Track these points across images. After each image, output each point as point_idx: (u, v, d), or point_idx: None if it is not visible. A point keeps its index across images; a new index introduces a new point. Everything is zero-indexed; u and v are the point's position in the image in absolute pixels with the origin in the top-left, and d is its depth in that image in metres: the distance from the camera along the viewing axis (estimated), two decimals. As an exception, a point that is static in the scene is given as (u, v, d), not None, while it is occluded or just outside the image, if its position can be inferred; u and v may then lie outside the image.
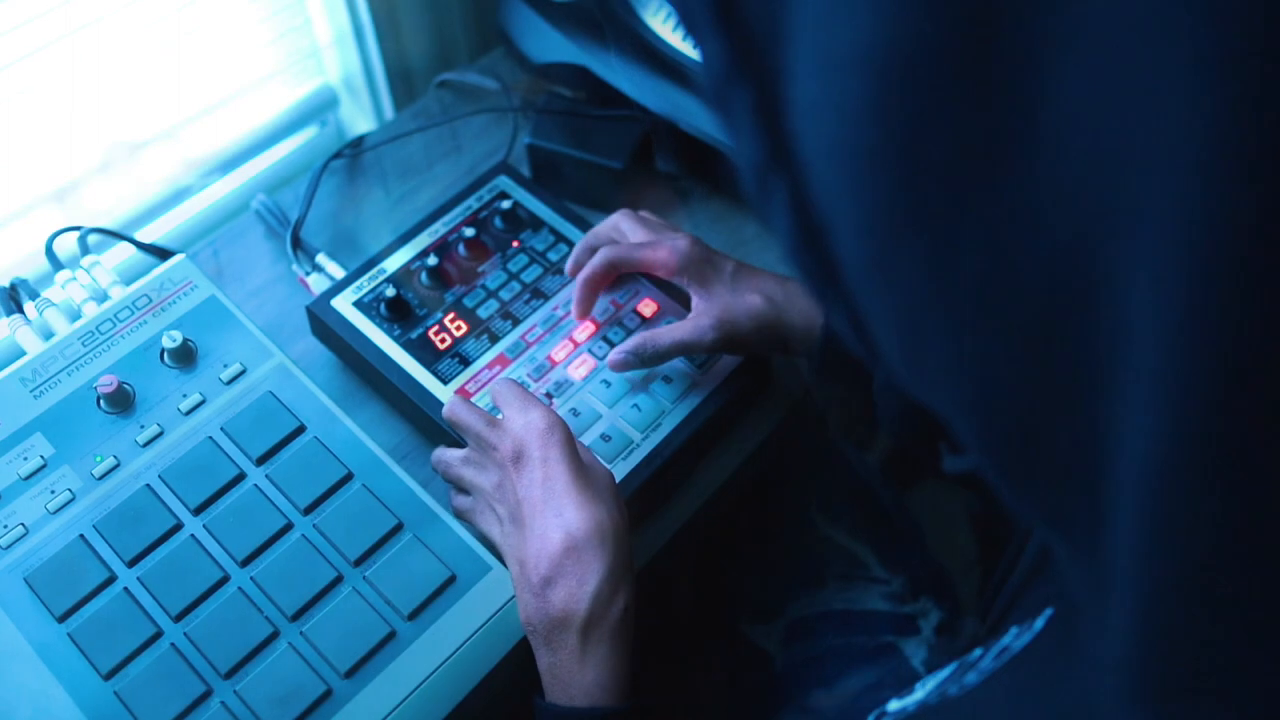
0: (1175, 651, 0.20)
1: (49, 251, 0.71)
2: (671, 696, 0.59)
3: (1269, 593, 0.18)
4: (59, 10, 0.74)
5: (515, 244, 0.76)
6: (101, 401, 0.61)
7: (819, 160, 0.20)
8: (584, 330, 0.73)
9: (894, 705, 0.41)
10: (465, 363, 0.71)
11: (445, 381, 0.69)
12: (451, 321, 0.72)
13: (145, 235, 0.87)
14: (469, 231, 0.75)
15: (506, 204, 0.77)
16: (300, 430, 0.61)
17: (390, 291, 0.72)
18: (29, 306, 0.68)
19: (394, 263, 0.74)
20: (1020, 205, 0.17)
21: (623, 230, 0.71)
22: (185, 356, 0.63)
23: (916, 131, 0.18)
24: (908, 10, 0.17)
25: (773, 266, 0.82)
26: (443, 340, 0.71)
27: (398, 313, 0.72)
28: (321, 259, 0.79)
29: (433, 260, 0.73)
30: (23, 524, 0.57)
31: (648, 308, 0.74)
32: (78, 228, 0.73)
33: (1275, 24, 0.14)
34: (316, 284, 0.76)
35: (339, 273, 0.77)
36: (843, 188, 0.20)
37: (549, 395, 0.69)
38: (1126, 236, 0.16)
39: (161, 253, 0.77)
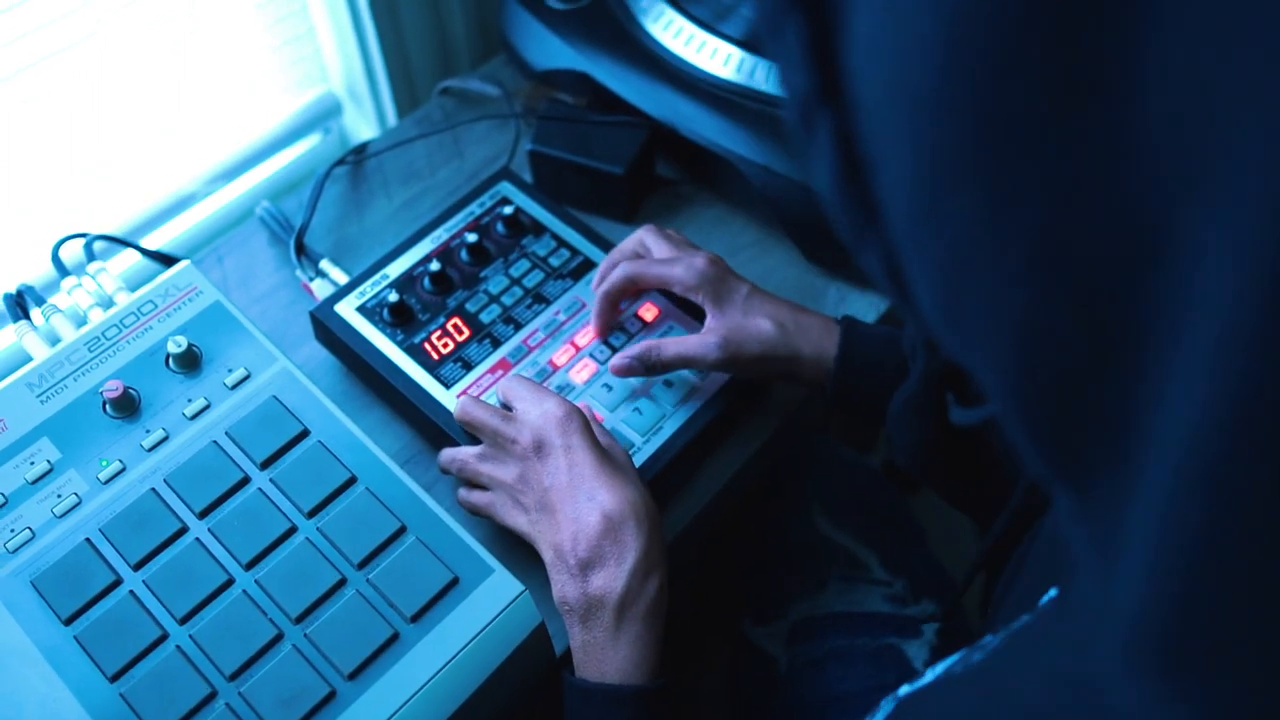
0: (1185, 621, 0.20)
1: (55, 258, 0.72)
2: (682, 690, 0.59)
3: None
4: (65, 19, 0.74)
5: (517, 249, 0.77)
6: (107, 406, 0.61)
7: (876, 101, 0.20)
8: (586, 335, 0.73)
9: (905, 690, 0.41)
10: (468, 367, 0.71)
11: (448, 386, 0.70)
12: (454, 326, 0.73)
13: (150, 242, 0.88)
14: (471, 237, 0.76)
15: (508, 210, 0.77)
16: (304, 434, 0.62)
17: (393, 297, 0.72)
18: (35, 313, 0.68)
19: (397, 268, 0.75)
20: (1098, 157, 0.17)
21: (647, 245, 0.72)
22: (190, 362, 0.63)
23: (992, 78, 0.17)
24: None
25: (770, 271, 0.82)
26: (445, 345, 0.72)
27: (401, 318, 0.72)
28: (325, 265, 0.79)
29: (435, 266, 0.74)
30: (29, 528, 0.57)
31: (649, 312, 0.74)
32: (83, 234, 0.73)
33: None
34: (320, 290, 0.77)
35: (342, 278, 0.78)
36: (900, 131, 0.19)
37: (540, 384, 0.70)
38: (1213, 196, 0.16)
39: (166, 259, 0.77)
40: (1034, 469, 0.23)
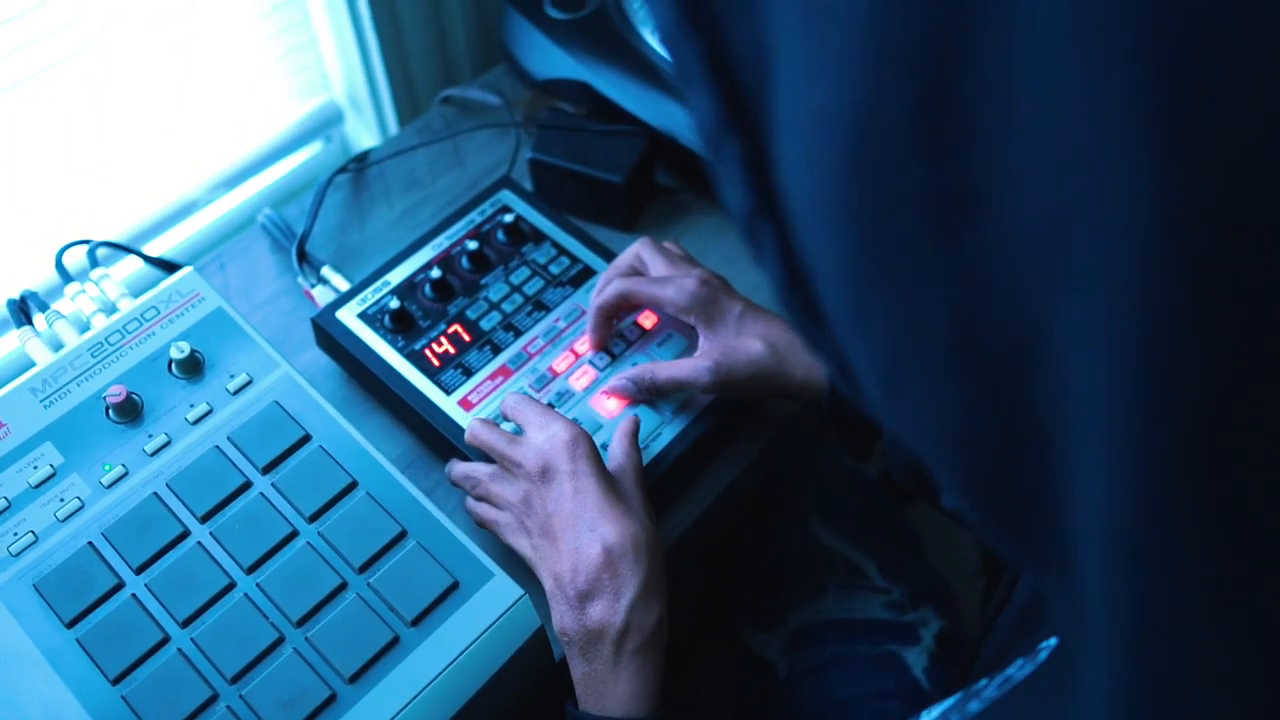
0: (1154, 698, 0.20)
1: (58, 264, 0.72)
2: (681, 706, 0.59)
3: (1242, 643, 0.18)
4: (69, 27, 0.75)
5: (518, 257, 0.77)
6: (110, 411, 0.62)
7: (802, 213, 0.21)
8: (585, 342, 0.74)
9: None
10: (468, 374, 0.71)
11: (448, 392, 0.70)
12: (454, 333, 0.73)
13: (153, 249, 0.88)
14: (472, 245, 0.76)
15: (509, 218, 0.78)
16: (305, 440, 0.62)
17: (394, 304, 0.72)
18: (39, 318, 0.69)
19: (398, 275, 0.75)
20: (975, 263, 0.18)
21: (643, 260, 0.72)
22: (193, 367, 0.64)
23: (883, 188, 0.19)
24: (867, 75, 0.17)
25: (766, 280, 0.83)
26: (446, 352, 0.72)
27: (401, 325, 0.73)
28: (326, 272, 0.80)
29: (436, 273, 0.74)
30: (32, 531, 0.57)
31: (648, 320, 0.75)
32: (87, 241, 0.74)
33: (1202, 96, 0.14)
34: (321, 296, 0.77)
35: (344, 285, 0.78)
36: (823, 240, 0.21)
37: (550, 406, 0.70)
38: (1073, 297, 0.16)
39: (169, 266, 0.78)
40: (996, 550, 0.24)
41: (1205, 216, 0.15)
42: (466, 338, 0.73)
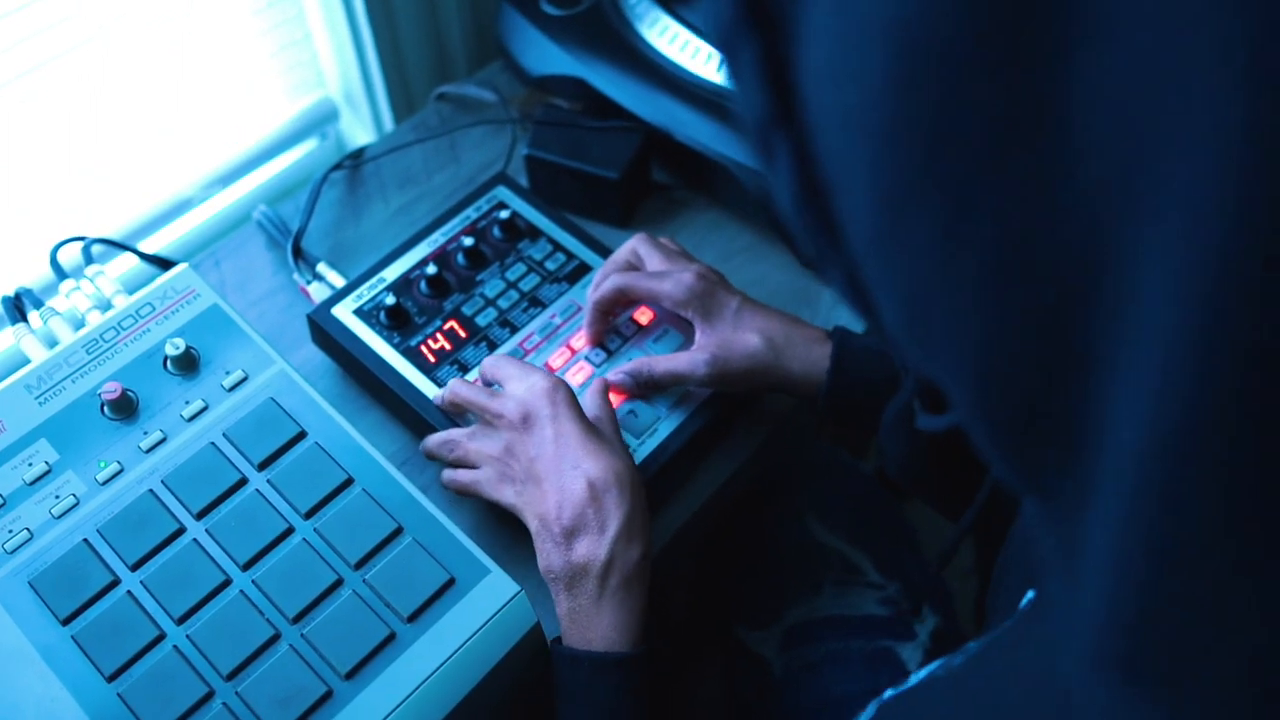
0: (1146, 624, 0.20)
1: (53, 261, 0.72)
2: (669, 699, 0.60)
3: (1254, 578, 0.18)
4: (62, 24, 0.75)
5: (513, 253, 0.77)
6: (105, 408, 0.61)
7: (831, 127, 0.20)
8: (581, 338, 0.74)
9: (889, 693, 0.42)
10: (464, 370, 0.71)
11: (442, 388, 0.70)
12: (450, 329, 0.73)
13: (148, 245, 0.88)
14: (468, 241, 0.76)
15: (505, 214, 0.78)
16: (301, 436, 0.62)
17: (390, 300, 0.72)
18: (33, 315, 0.69)
19: (394, 272, 0.75)
20: (1042, 178, 0.17)
21: (640, 255, 0.72)
22: (188, 364, 0.64)
23: (942, 105, 0.18)
24: None
25: (764, 275, 0.83)
26: (442, 348, 0.72)
27: (397, 321, 0.73)
28: (322, 268, 0.80)
29: (432, 269, 0.74)
30: (27, 528, 0.57)
31: (644, 316, 0.75)
32: (82, 238, 0.74)
33: None
34: (317, 293, 0.77)
35: (339, 282, 0.78)
36: (856, 156, 0.20)
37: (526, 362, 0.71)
38: (1150, 218, 0.16)
39: (164, 263, 0.78)
40: (1000, 475, 0.23)
41: None
42: (462, 334, 0.73)
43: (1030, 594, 0.38)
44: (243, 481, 0.60)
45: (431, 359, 0.72)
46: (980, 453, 0.24)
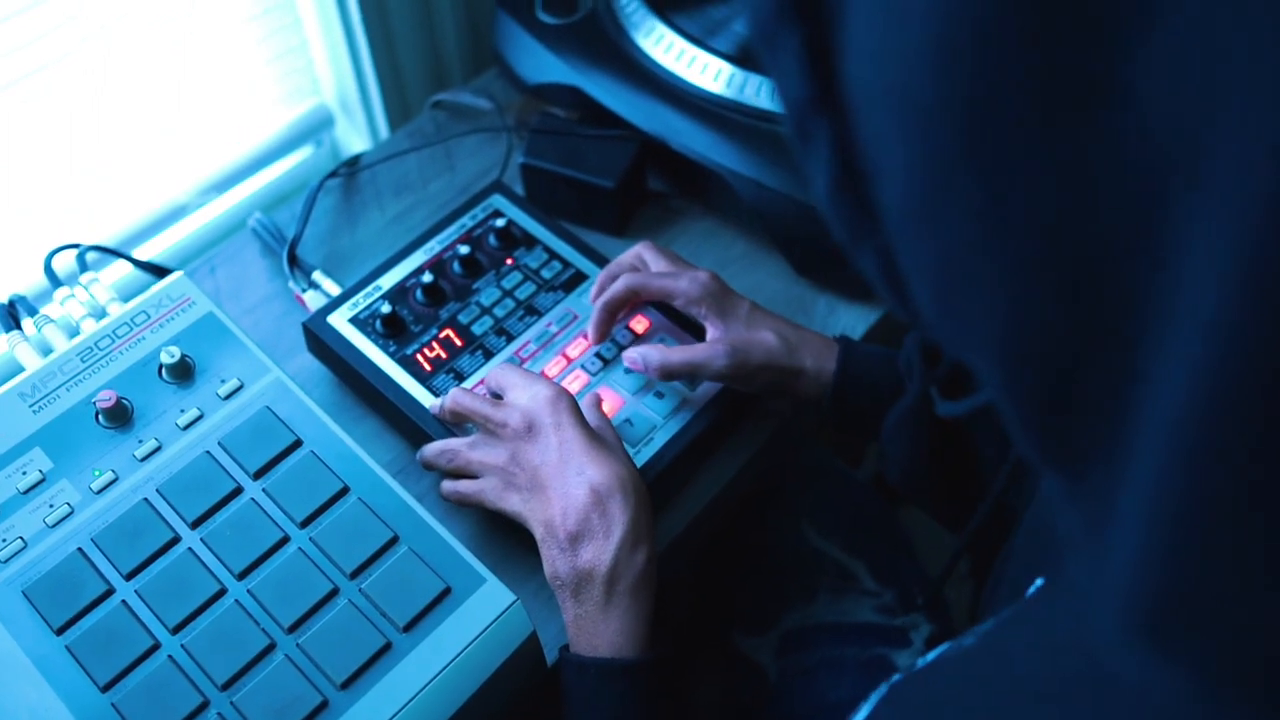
0: (1174, 589, 0.20)
1: (48, 269, 0.72)
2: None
3: (1269, 544, 0.19)
4: (57, 31, 0.75)
5: (509, 261, 0.77)
6: (100, 416, 0.61)
7: (873, 107, 0.20)
8: (577, 346, 0.74)
9: (898, 677, 0.42)
10: (460, 378, 0.71)
11: (440, 397, 0.70)
12: (446, 338, 0.73)
13: (142, 253, 0.88)
14: (463, 249, 0.76)
15: (500, 222, 0.78)
16: (297, 445, 0.62)
17: (385, 308, 0.72)
18: (27, 323, 0.68)
19: (389, 280, 0.75)
20: (1088, 156, 0.17)
21: (645, 260, 0.73)
22: (183, 372, 0.64)
23: (984, 83, 0.18)
24: None
25: (759, 284, 0.83)
26: (437, 356, 0.72)
27: (393, 329, 0.73)
28: (318, 276, 0.79)
29: (427, 277, 0.74)
30: (21, 537, 0.57)
31: (640, 324, 0.75)
32: (76, 245, 0.73)
33: None
34: (313, 301, 0.77)
35: (335, 290, 0.78)
36: (898, 135, 0.20)
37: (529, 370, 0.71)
38: (1200, 192, 0.16)
39: (159, 270, 0.78)
40: (1028, 455, 0.24)
41: None
42: (458, 342, 0.73)
43: (1039, 581, 0.38)
44: (238, 490, 0.60)
45: (427, 367, 0.71)
46: (1010, 432, 0.24)
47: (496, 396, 0.66)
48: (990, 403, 0.24)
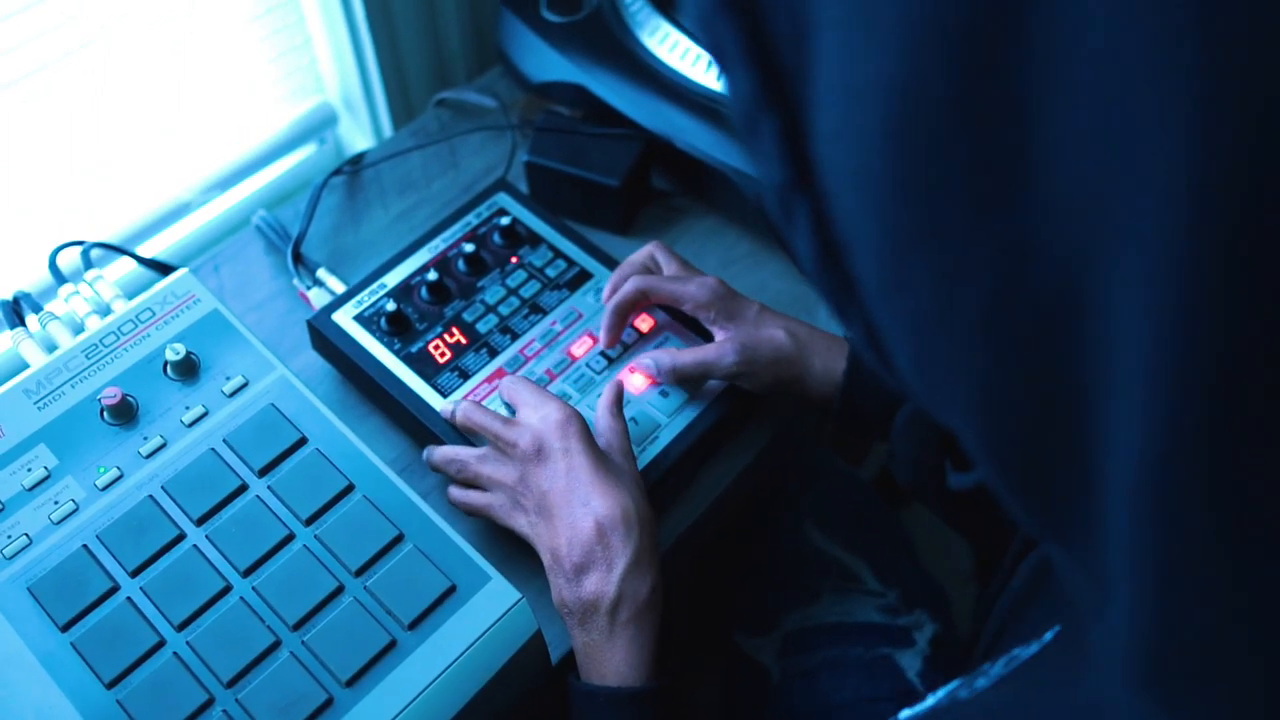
0: (1173, 640, 0.21)
1: (52, 265, 0.72)
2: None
3: (1254, 584, 0.19)
4: (61, 29, 0.75)
5: (514, 260, 0.77)
6: (105, 413, 0.61)
7: (840, 184, 0.22)
8: (582, 345, 0.74)
9: (905, 714, 0.41)
10: (464, 376, 0.71)
11: (445, 395, 0.70)
12: (451, 336, 0.73)
13: (147, 250, 0.88)
14: (468, 247, 0.76)
15: (505, 220, 0.78)
16: (302, 442, 0.62)
17: (390, 306, 0.72)
18: (32, 319, 0.68)
19: (394, 278, 0.75)
20: (1020, 225, 0.19)
21: (657, 260, 0.73)
22: (188, 369, 0.64)
23: (927, 158, 0.19)
24: (918, 47, 0.18)
25: (763, 284, 0.83)
26: (442, 354, 0.72)
27: (398, 327, 0.73)
28: (322, 274, 0.79)
29: (432, 275, 0.74)
30: (26, 534, 0.57)
31: (644, 323, 0.75)
32: (80, 242, 0.73)
33: (1247, 71, 0.15)
34: (317, 298, 0.77)
35: (339, 287, 0.78)
36: (862, 210, 0.22)
37: (543, 387, 0.70)
38: (1117, 254, 0.17)
39: (163, 267, 0.78)
40: (1022, 524, 0.25)
41: (1242, 182, 0.16)
42: (463, 341, 0.73)
43: (1055, 628, 0.38)
44: (243, 488, 0.60)
45: (432, 365, 0.71)
46: (1000, 503, 0.25)
47: (508, 407, 0.66)
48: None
